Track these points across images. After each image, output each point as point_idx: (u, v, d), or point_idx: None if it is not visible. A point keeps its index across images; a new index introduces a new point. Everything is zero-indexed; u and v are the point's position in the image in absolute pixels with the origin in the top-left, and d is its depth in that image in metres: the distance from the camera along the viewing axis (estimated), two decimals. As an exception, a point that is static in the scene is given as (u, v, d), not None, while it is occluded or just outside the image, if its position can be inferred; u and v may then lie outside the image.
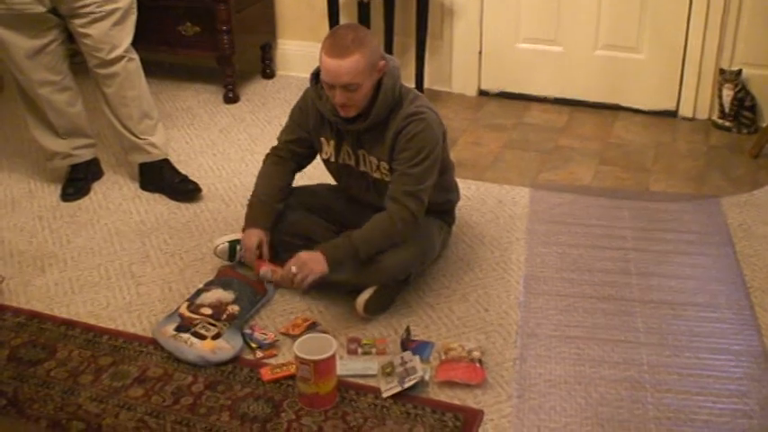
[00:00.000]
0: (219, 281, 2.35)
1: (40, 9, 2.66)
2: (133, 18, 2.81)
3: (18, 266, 2.56)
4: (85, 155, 3.00)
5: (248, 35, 3.79)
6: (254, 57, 3.98)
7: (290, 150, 2.43)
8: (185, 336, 2.16)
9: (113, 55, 2.76)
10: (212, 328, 2.18)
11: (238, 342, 2.17)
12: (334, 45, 2.11)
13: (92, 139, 3.02)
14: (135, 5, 2.81)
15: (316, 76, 2.27)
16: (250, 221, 2.37)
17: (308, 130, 2.37)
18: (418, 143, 2.19)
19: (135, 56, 2.85)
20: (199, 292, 2.31)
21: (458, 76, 3.80)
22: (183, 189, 2.93)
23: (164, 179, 2.96)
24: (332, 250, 2.18)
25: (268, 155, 2.47)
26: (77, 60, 2.95)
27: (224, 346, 2.14)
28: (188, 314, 2.22)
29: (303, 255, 2.19)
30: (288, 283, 2.19)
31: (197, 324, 2.18)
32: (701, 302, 2.33)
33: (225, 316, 2.22)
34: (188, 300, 2.29)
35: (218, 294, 2.29)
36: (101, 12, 2.69)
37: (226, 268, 2.45)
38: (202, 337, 2.15)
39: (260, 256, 2.33)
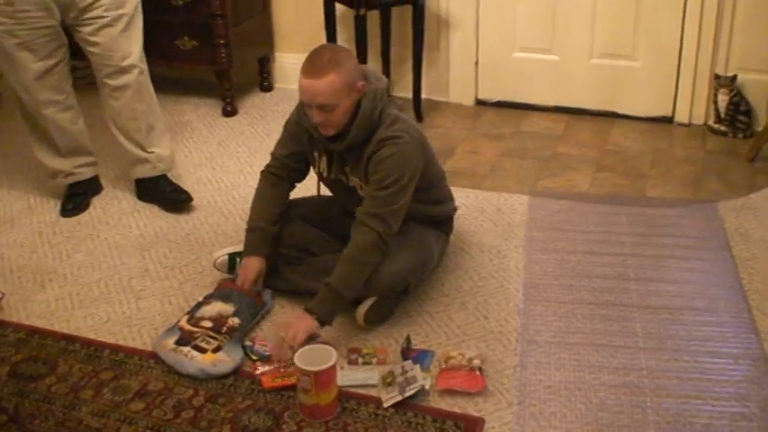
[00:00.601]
0: (219, 293, 2.36)
1: (52, 22, 2.68)
2: (139, 24, 2.81)
3: (18, 282, 2.57)
4: (87, 173, 3.02)
5: (246, 49, 3.81)
6: (251, 70, 4.00)
7: (286, 166, 2.43)
8: (186, 349, 2.16)
9: (126, 63, 2.78)
10: (213, 341, 2.18)
11: (239, 354, 2.17)
12: (309, 65, 2.12)
13: (93, 156, 3.04)
14: (140, 10, 2.82)
15: None
16: (250, 250, 2.38)
17: (302, 143, 2.38)
18: (388, 167, 2.18)
19: (145, 67, 2.87)
20: (199, 305, 2.32)
21: (455, 86, 3.82)
22: (174, 199, 2.95)
23: (158, 189, 2.99)
24: (316, 305, 2.18)
25: (263, 173, 2.47)
26: (78, 75, 2.96)
27: (224, 359, 2.14)
28: (188, 327, 2.23)
29: (288, 318, 2.21)
30: (283, 349, 2.12)
31: (197, 337, 2.19)
32: (700, 307, 2.34)
33: (225, 329, 2.22)
34: (188, 313, 2.30)
35: (218, 307, 2.29)
36: (107, 17, 2.70)
37: (226, 281, 2.46)
38: (203, 350, 2.15)
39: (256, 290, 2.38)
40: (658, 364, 2.12)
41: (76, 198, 2.99)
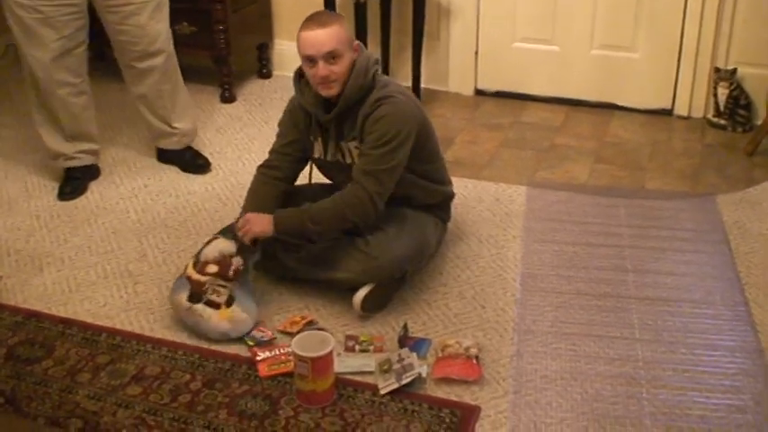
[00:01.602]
0: (219, 231, 2.36)
1: (77, 0, 2.70)
2: (166, 8, 2.87)
3: (15, 265, 2.57)
4: (87, 160, 3.02)
5: (245, 35, 3.79)
6: (250, 56, 3.99)
7: (285, 155, 2.41)
8: (200, 307, 2.17)
9: (153, 48, 2.83)
10: (222, 290, 2.18)
11: (253, 308, 2.21)
12: (312, 20, 2.21)
13: (97, 144, 3.05)
14: None
15: (300, 75, 2.31)
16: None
17: (300, 130, 2.38)
18: (383, 126, 2.21)
19: (172, 48, 2.92)
20: (202, 248, 2.29)
21: (455, 76, 3.81)
22: (194, 164, 3.11)
23: (178, 155, 3.14)
24: (282, 214, 2.28)
25: (259, 169, 2.45)
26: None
27: (240, 317, 2.17)
28: (196, 277, 2.22)
29: (251, 215, 2.29)
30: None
31: (207, 289, 2.18)
32: (697, 299, 2.35)
33: (231, 272, 2.22)
34: (193, 257, 2.28)
35: (220, 245, 2.27)
36: (134, 3, 2.74)
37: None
38: (216, 305, 2.17)
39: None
40: (654, 355, 2.13)
41: (74, 182, 2.99)
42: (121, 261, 2.58)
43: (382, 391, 1.99)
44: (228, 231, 2.33)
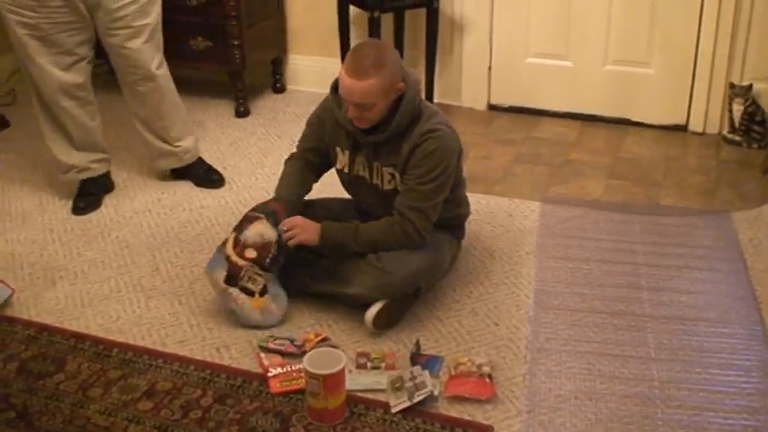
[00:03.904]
0: (263, 209, 2.33)
1: (76, 17, 2.72)
2: (161, 33, 2.90)
3: (29, 279, 2.57)
4: (100, 169, 3.04)
5: (259, 50, 3.81)
6: (264, 71, 4.00)
7: (306, 159, 2.46)
8: (234, 291, 2.25)
9: (149, 72, 2.86)
10: (258, 278, 2.25)
11: (283, 300, 2.29)
12: (353, 63, 2.14)
13: (106, 153, 3.06)
14: (161, 19, 2.90)
15: (336, 86, 2.30)
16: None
17: (323, 139, 2.39)
18: (431, 161, 2.21)
19: (166, 69, 2.95)
20: (246, 221, 2.29)
21: (468, 91, 3.81)
22: (207, 178, 3.13)
23: (191, 170, 3.15)
24: (331, 227, 2.28)
25: (290, 158, 2.50)
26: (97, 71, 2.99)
27: (270, 308, 2.26)
28: (234, 259, 2.26)
29: (299, 219, 2.28)
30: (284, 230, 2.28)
31: (243, 276, 2.24)
32: (712, 318, 2.32)
33: (268, 261, 2.25)
34: (234, 230, 2.30)
35: (261, 229, 2.27)
36: (133, 27, 2.77)
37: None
38: (250, 293, 2.25)
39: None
40: (670, 375, 2.11)
41: (88, 197, 3.00)
42: (134, 275, 2.59)
43: (394, 410, 1.98)
44: (270, 211, 2.31)
